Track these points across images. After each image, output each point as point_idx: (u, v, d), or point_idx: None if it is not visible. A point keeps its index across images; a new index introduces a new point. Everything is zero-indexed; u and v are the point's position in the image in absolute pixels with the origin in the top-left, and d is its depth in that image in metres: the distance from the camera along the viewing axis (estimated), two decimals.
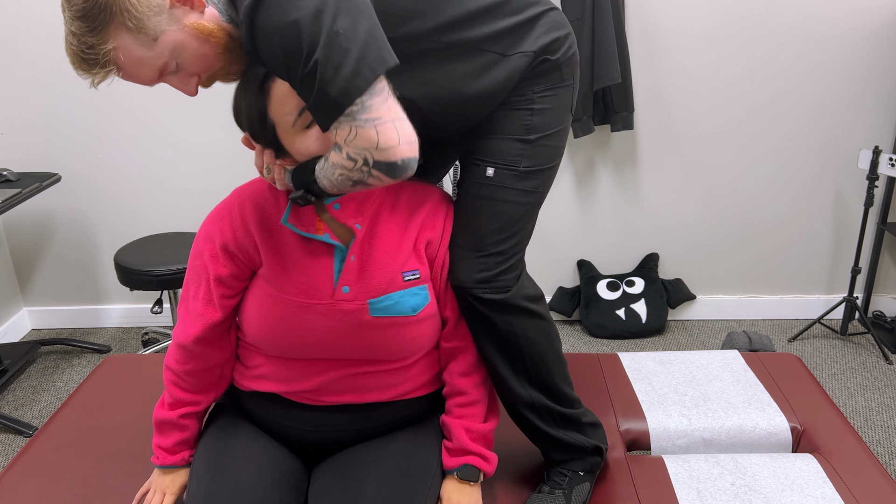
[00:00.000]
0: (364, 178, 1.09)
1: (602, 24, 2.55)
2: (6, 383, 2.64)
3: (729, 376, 1.73)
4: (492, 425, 1.32)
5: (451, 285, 1.29)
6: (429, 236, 1.26)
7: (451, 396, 1.33)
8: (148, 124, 2.83)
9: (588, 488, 1.38)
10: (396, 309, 1.23)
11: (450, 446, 1.31)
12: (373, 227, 1.25)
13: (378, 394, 1.29)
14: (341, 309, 1.22)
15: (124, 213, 2.97)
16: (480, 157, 1.27)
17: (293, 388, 1.29)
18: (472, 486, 1.30)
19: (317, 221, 1.24)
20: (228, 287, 1.27)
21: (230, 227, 1.25)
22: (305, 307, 1.22)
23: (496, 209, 1.26)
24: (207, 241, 1.26)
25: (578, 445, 1.37)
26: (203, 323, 1.27)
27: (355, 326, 1.22)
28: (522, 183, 1.27)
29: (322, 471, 1.29)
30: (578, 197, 2.93)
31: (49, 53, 2.72)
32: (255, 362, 1.32)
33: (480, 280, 1.25)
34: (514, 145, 1.26)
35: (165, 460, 1.32)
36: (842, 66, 2.73)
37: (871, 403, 2.50)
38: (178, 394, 1.32)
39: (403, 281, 1.23)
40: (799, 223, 2.96)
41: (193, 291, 1.29)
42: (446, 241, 1.27)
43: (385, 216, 1.25)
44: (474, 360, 1.32)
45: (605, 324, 2.93)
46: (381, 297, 1.22)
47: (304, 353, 1.26)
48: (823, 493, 1.34)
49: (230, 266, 1.25)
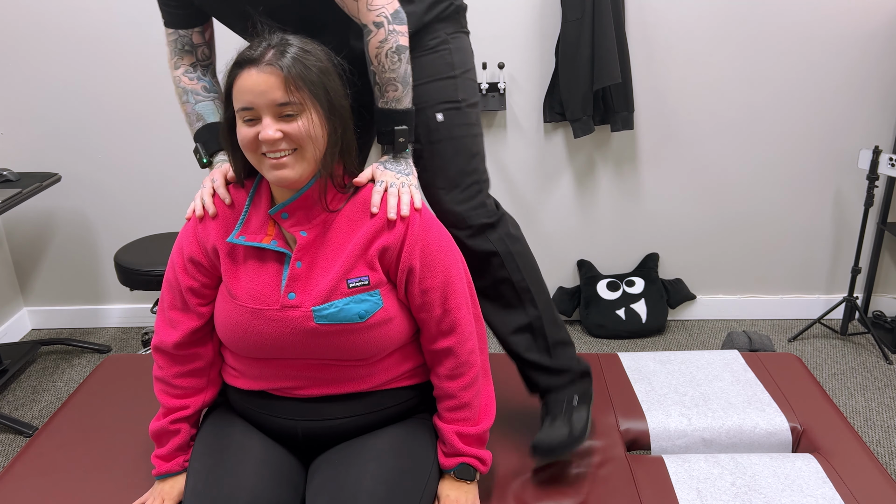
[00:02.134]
0: (397, 39, 1.30)
1: (602, 24, 2.55)
2: (6, 383, 2.64)
3: (729, 376, 1.73)
4: (485, 426, 1.33)
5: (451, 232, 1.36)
6: (385, 243, 1.25)
7: (441, 400, 1.33)
8: (148, 124, 2.83)
9: (586, 415, 1.45)
10: (341, 316, 1.23)
11: (445, 450, 1.32)
12: (322, 235, 1.26)
13: (354, 384, 1.30)
14: (288, 316, 1.24)
15: (124, 213, 2.98)
16: (424, 104, 1.44)
17: (267, 385, 1.31)
18: (468, 483, 1.31)
19: (267, 229, 1.27)
20: (202, 296, 1.32)
21: (195, 239, 1.31)
22: (256, 313, 1.25)
23: (457, 146, 1.45)
24: (178, 253, 1.33)
25: (569, 369, 1.49)
26: (183, 330, 1.32)
27: (303, 333, 1.24)
28: (466, 117, 1.46)
29: (318, 467, 1.30)
30: (578, 197, 2.93)
31: (49, 53, 2.72)
32: (230, 362, 1.35)
33: (472, 207, 1.45)
34: (448, 82, 1.46)
35: (162, 468, 1.33)
36: (842, 66, 2.73)
37: (871, 403, 2.50)
38: (168, 401, 1.35)
39: (348, 288, 1.23)
40: (799, 223, 2.96)
41: (170, 301, 1.34)
42: (409, 249, 1.26)
43: (337, 224, 1.27)
44: (460, 362, 1.31)
45: (605, 324, 2.93)
46: (324, 304, 1.23)
47: (266, 354, 1.28)
48: (823, 493, 1.34)
49: (199, 277, 1.31)
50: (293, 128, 1.18)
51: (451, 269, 1.30)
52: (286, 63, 1.16)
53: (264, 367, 1.30)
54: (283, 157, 1.19)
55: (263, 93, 1.16)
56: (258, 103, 1.16)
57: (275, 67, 1.16)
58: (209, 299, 1.33)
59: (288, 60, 1.16)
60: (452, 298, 1.30)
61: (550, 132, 2.84)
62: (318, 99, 1.19)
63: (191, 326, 1.32)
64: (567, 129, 2.83)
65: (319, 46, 1.24)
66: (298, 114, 1.18)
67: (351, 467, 1.25)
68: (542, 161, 2.88)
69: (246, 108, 1.18)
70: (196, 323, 1.32)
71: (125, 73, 2.75)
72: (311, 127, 1.19)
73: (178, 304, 1.33)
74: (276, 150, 1.18)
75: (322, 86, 1.19)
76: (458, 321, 1.30)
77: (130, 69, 2.75)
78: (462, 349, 1.31)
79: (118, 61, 2.73)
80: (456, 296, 1.30)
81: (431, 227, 1.30)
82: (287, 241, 1.28)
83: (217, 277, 1.32)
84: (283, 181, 1.20)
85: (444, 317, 1.29)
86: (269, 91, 1.16)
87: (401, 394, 1.35)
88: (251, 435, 1.32)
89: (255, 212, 1.29)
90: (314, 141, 1.20)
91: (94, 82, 2.76)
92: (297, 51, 1.19)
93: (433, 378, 1.34)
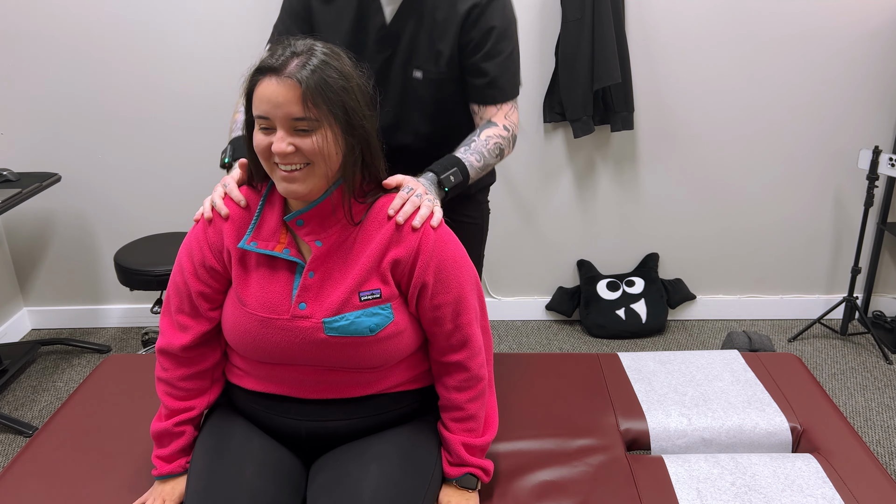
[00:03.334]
0: (506, 147, 1.56)
1: (602, 24, 2.55)
2: (6, 383, 2.64)
3: (729, 376, 1.73)
4: (489, 437, 1.34)
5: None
6: (397, 255, 1.24)
7: (447, 410, 1.33)
8: (148, 124, 2.83)
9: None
10: (352, 329, 1.22)
11: (450, 460, 1.32)
12: (336, 246, 1.25)
13: (360, 389, 1.29)
14: (298, 326, 1.23)
15: (124, 213, 2.97)
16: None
17: (273, 388, 1.30)
18: (471, 492, 1.32)
19: (280, 237, 1.25)
20: (212, 301, 1.31)
21: (207, 243, 1.29)
22: (266, 322, 1.23)
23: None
24: (188, 257, 1.30)
25: None
26: (193, 334, 1.31)
27: (313, 343, 1.23)
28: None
29: (319, 469, 1.30)
30: (578, 197, 2.93)
31: (49, 53, 2.72)
32: (236, 362, 1.35)
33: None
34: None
35: (163, 469, 1.32)
36: (842, 66, 2.73)
37: (871, 403, 2.50)
38: (171, 403, 1.33)
39: (360, 301, 1.22)
40: (799, 223, 2.96)
41: (177, 305, 1.32)
42: (423, 264, 1.24)
43: (352, 236, 1.25)
44: (469, 376, 1.30)
45: (605, 324, 2.93)
46: (335, 316, 1.22)
47: (275, 361, 1.27)
48: (823, 493, 1.34)
49: (210, 282, 1.29)
50: (307, 143, 1.15)
51: (464, 286, 1.28)
52: (305, 76, 1.13)
53: (271, 370, 1.29)
54: (294, 170, 1.17)
55: (280, 105, 1.13)
56: (274, 115, 1.14)
57: (294, 81, 1.13)
58: (218, 304, 1.32)
59: (307, 73, 1.13)
60: (465, 314, 1.28)
61: (550, 132, 2.84)
62: (336, 117, 1.15)
63: (201, 331, 1.31)
64: (567, 129, 2.83)
65: (349, 59, 1.21)
66: (314, 130, 1.15)
67: (353, 469, 1.24)
68: (542, 161, 2.88)
69: (262, 116, 1.16)
70: (206, 327, 1.31)
71: (125, 74, 2.75)
72: (325, 144, 1.16)
73: (187, 309, 1.31)
74: (288, 162, 1.16)
75: (341, 104, 1.15)
76: (470, 337, 1.29)
77: (130, 69, 2.75)
78: (472, 364, 1.30)
79: (118, 61, 2.73)
80: (468, 311, 1.29)
81: (448, 244, 1.27)
82: (300, 249, 1.27)
83: (227, 281, 1.30)
84: (293, 195, 1.19)
85: (455, 332, 1.28)
86: (286, 104, 1.13)
87: (405, 397, 1.35)
88: (252, 436, 1.32)
89: (268, 217, 1.27)
90: (327, 158, 1.17)
91: (93, 82, 2.76)
92: (320, 63, 1.15)
93: (440, 388, 1.34)
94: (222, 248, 1.28)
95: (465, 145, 1.50)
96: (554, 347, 2.89)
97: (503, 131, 1.55)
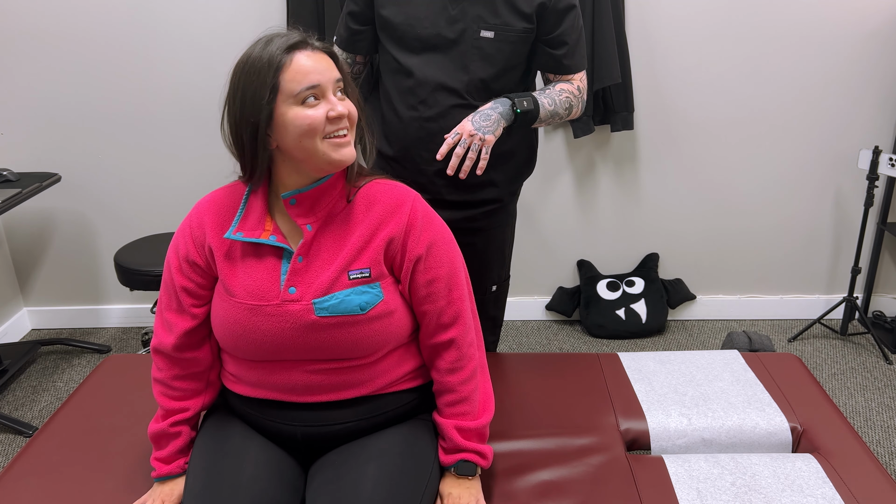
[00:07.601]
0: (576, 105, 1.69)
1: (602, 24, 2.55)
2: (6, 383, 2.64)
3: (729, 376, 1.73)
4: (484, 421, 1.32)
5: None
6: (390, 234, 1.26)
7: (441, 394, 1.33)
8: (147, 124, 2.83)
9: None
10: (342, 308, 1.22)
11: (445, 446, 1.32)
12: (324, 228, 1.26)
13: (353, 391, 1.29)
14: (288, 310, 1.23)
15: (124, 213, 2.98)
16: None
17: (267, 394, 1.30)
18: (470, 479, 1.31)
19: (265, 224, 1.26)
20: (196, 297, 1.31)
21: (191, 238, 1.30)
22: (255, 310, 1.24)
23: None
24: (174, 253, 1.32)
25: None
26: (177, 332, 1.31)
27: (304, 327, 1.23)
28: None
29: (318, 469, 1.30)
30: (578, 197, 2.93)
31: (49, 53, 2.72)
32: (229, 367, 1.35)
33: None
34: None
35: (162, 471, 1.32)
36: (842, 66, 2.73)
37: (871, 403, 2.51)
38: (167, 403, 1.34)
39: (349, 279, 1.23)
40: (799, 223, 2.96)
41: (166, 302, 1.34)
42: (415, 238, 1.27)
43: (339, 216, 1.27)
44: (461, 354, 1.31)
45: (605, 324, 2.93)
46: (325, 296, 1.23)
47: (265, 356, 1.27)
48: (823, 493, 1.34)
49: (195, 277, 1.30)
50: (348, 104, 1.23)
51: (455, 261, 1.31)
52: (324, 45, 1.22)
53: (262, 375, 1.28)
54: (346, 134, 1.22)
55: (326, 70, 1.19)
56: (323, 80, 1.18)
57: (321, 48, 1.21)
58: (204, 300, 1.32)
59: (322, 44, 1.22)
60: (456, 289, 1.30)
61: (550, 132, 2.84)
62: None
63: (184, 328, 1.31)
64: (567, 129, 2.83)
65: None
66: (346, 93, 1.24)
67: (351, 469, 1.24)
68: (542, 161, 2.88)
69: (312, 86, 1.17)
70: (189, 324, 1.31)
71: (125, 74, 2.75)
72: (356, 104, 1.25)
73: (174, 306, 1.32)
74: (341, 127, 1.21)
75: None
76: (461, 312, 1.31)
77: (130, 69, 2.75)
78: (463, 341, 1.31)
79: (118, 61, 2.73)
80: (460, 286, 1.31)
81: (434, 220, 1.31)
82: (285, 235, 1.28)
83: (212, 278, 1.31)
84: (348, 159, 1.23)
85: (448, 307, 1.30)
86: (329, 69, 1.20)
87: (401, 397, 1.35)
88: (250, 437, 1.32)
89: (253, 207, 1.29)
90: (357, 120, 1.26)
91: (93, 82, 2.76)
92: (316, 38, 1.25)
93: (433, 373, 1.34)
94: (204, 244, 1.29)
95: (539, 90, 1.63)
96: (554, 347, 2.89)
97: (576, 91, 1.69)
